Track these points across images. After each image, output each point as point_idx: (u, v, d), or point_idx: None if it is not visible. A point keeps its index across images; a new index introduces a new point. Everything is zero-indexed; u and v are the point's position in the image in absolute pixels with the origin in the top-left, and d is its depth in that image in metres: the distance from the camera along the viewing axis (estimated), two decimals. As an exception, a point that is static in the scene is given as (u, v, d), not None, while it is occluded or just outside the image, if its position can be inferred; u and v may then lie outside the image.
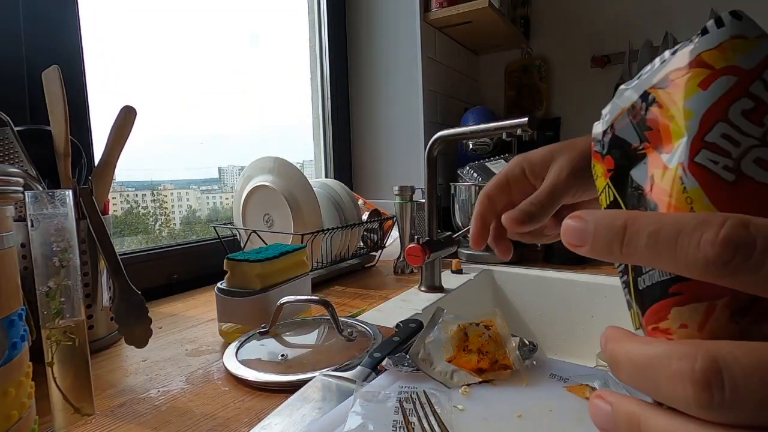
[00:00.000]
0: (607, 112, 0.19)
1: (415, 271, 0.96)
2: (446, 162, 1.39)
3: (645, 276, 0.16)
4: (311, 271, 0.81)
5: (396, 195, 1.00)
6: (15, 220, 0.33)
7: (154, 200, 0.96)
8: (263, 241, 0.81)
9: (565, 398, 0.35)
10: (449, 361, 0.39)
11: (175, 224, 1.02)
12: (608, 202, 0.19)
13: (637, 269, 0.17)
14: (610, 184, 0.19)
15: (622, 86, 0.19)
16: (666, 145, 0.16)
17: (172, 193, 1.01)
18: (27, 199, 0.34)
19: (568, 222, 0.17)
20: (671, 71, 0.16)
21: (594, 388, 0.35)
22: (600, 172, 0.20)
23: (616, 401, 0.16)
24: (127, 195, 0.94)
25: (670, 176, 0.15)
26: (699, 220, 0.14)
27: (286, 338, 0.53)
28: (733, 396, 0.12)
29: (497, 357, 0.39)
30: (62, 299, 0.35)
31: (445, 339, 0.41)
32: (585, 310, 0.90)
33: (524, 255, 1.08)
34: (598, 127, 0.20)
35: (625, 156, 0.18)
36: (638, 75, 0.18)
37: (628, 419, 0.16)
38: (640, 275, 0.17)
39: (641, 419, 0.15)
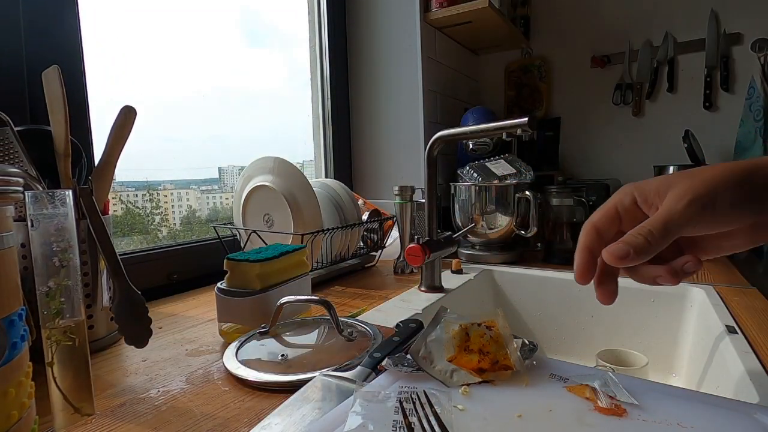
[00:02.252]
0: None
1: (415, 271, 0.96)
2: (446, 162, 1.39)
3: None
4: (311, 271, 0.81)
5: (396, 195, 1.00)
6: (15, 220, 0.33)
7: (150, 200, 0.96)
8: (263, 241, 0.81)
9: (565, 398, 0.35)
10: (450, 361, 0.39)
11: (175, 224, 1.02)
12: None
13: None
14: None
15: None
16: None
17: (172, 193, 1.01)
18: (27, 199, 0.34)
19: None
20: None
21: (594, 388, 0.35)
22: None
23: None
24: (127, 195, 0.94)
25: None
26: None
27: (286, 338, 0.53)
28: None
29: (498, 357, 0.39)
30: (62, 299, 0.35)
31: (446, 338, 0.41)
32: (585, 310, 0.90)
33: (524, 255, 1.08)
34: None
35: None
36: None
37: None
38: None
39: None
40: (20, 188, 0.32)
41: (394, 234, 1.07)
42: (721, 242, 0.33)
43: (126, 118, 0.56)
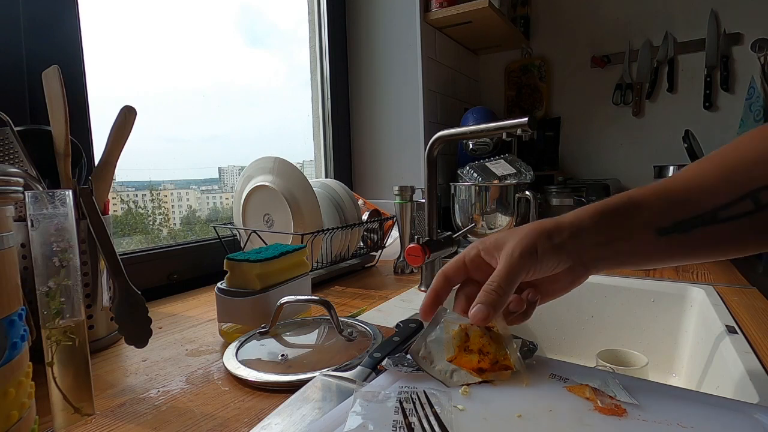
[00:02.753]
0: None
1: (415, 271, 0.96)
2: (446, 162, 1.39)
3: None
4: (311, 271, 0.81)
5: (396, 195, 1.00)
6: (15, 220, 0.33)
7: (152, 199, 0.96)
8: (263, 241, 0.81)
9: (565, 398, 0.35)
10: (450, 361, 0.39)
11: (175, 224, 1.02)
12: None
13: None
14: None
15: None
16: None
17: (172, 193, 1.01)
18: (27, 199, 0.34)
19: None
20: None
21: (594, 388, 0.35)
22: None
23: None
24: (127, 194, 0.94)
25: None
26: None
27: (286, 338, 0.53)
28: None
29: (498, 357, 0.39)
30: (62, 299, 0.35)
31: (446, 338, 0.41)
32: (585, 310, 0.90)
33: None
34: None
35: None
36: None
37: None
38: None
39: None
40: (20, 188, 0.32)
41: (394, 234, 1.07)
42: (551, 286, 0.41)
43: (126, 118, 0.56)
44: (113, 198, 0.88)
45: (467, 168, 1.11)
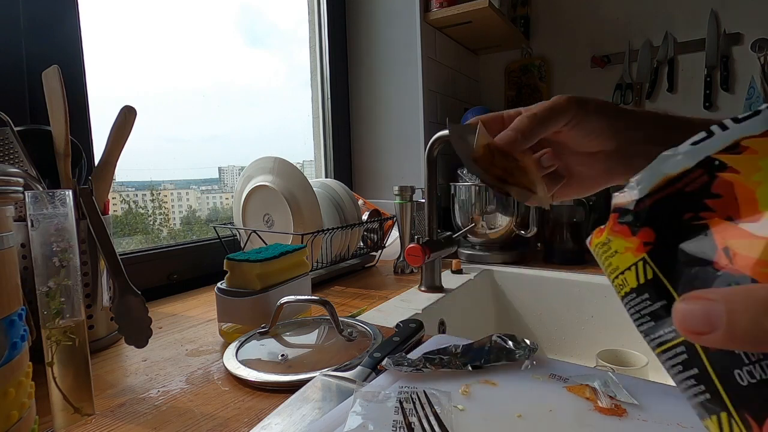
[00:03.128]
0: (641, 180, 0.18)
1: (415, 271, 0.96)
2: (446, 162, 1.39)
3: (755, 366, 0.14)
4: (311, 271, 0.81)
5: (396, 195, 1.00)
6: (15, 220, 0.33)
7: (153, 200, 0.96)
8: (263, 241, 0.81)
9: (565, 398, 0.35)
10: (474, 160, 0.36)
11: (175, 224, 1.02)
12: (644, 280, 0.17)
13: (735, 358, 0.14)
14: (649, 260, 0.17)
15: (665, 153, 0.18)
16: (747, 212, 0.15)
17: (172, 193, 1.01)
18: (27, 199, 0.34)
19: (682, 306, 0.14)
20: (743, 138, 0.16)
21: (594, 388, 0.35)
22: (624, 247, 0.18)
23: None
24: (127, 194, 0.94)
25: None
26: None
27: (286, 338, 0.53)
28: None
29: (521, 182, 0.36)
30: (62, 299, 0.35)
31: (476, 146, 0.36)
32: (585, 310, 0.90)
33: (524, 255, 1.08)
34: (624, 197, 0.18)
35: (671, 227, 0.17)
36: (688, 143, 0.17)
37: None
38: (741, 366, 0.14)
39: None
40: (20, 188, 0.32)
41: (394, 234, 1.07)
42: (582, 168, 0.40)
43: (126, 118, 0.56)
44: (113, 198, 0.88)
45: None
